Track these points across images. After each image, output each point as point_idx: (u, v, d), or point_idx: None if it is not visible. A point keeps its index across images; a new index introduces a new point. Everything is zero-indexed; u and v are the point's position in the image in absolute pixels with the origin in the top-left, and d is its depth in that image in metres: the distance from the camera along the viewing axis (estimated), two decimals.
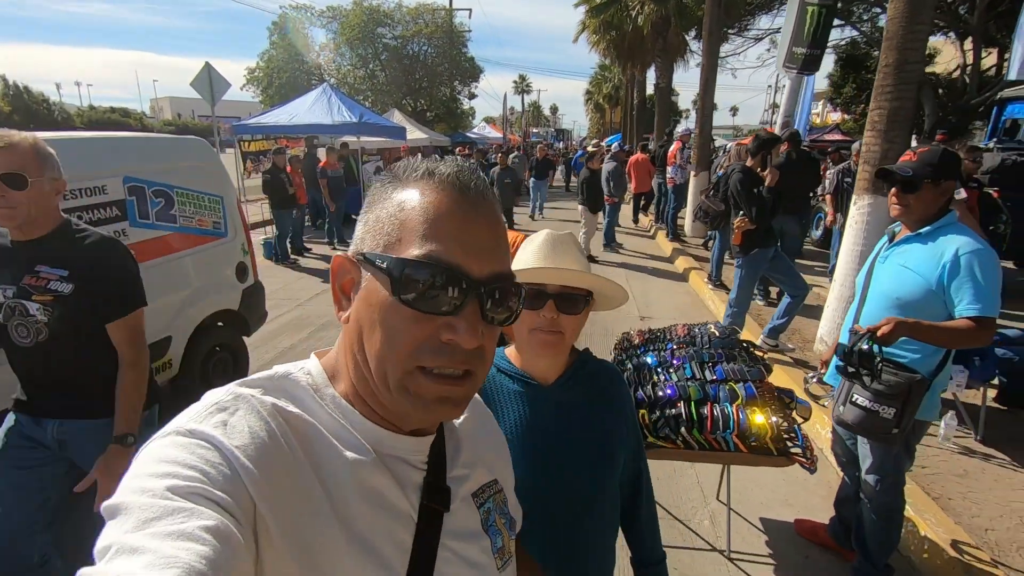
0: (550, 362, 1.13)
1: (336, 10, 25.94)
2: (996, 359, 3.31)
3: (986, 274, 1.87)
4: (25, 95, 50.08)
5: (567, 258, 1.08)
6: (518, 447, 1.02)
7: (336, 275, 0.58)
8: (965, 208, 3.97)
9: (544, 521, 1.05)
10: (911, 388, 1.89)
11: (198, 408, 0.52)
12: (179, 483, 0.44)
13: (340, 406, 0.57)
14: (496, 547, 0.66)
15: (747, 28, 19.02)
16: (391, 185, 0.58)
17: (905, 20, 4.03)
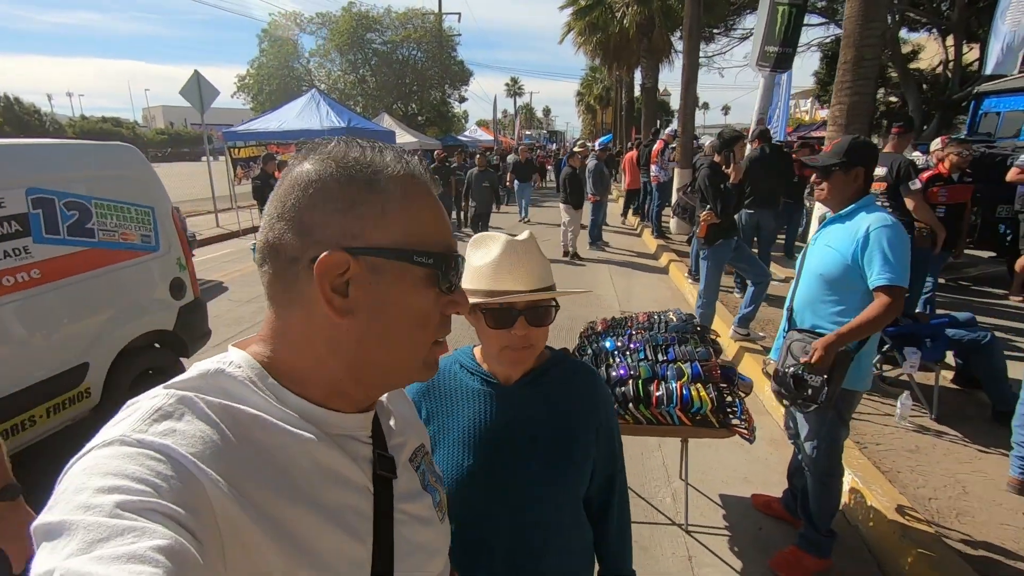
0: (518, 370, 1.12)
1: (325, 16, 26.10)
2: (947, 340, 3.46)
3: (893, 247, 2.04)
4: (16, 106, 50.10)
5: (531, 268, 1.04)
6: (472, 443, 1.07)
7: (328, 273, 0.55)
8: (921, 197, 4.13)
9: (498, 522, 1.06)
10: (836, 359, 2.07)
11: (139, 415, 0.49)
12: (130, 498, 0.41)
13: (282, 395, 0.57)
14: (436, 501, 0.72)
15: (733, 28, 19.29)
16: (378, 176, 0.58)
17: (861, 19, 4.20)
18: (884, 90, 20.58)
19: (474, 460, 1.06)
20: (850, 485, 2.83)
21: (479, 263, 1.05)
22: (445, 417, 1.10)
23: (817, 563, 2.36)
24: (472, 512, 1.06)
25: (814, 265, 2.29)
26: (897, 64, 16.05)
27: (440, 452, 1.08)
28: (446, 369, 1.15)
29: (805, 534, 2.41)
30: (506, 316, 1.02)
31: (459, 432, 1.09)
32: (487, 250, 1.05)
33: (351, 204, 0.56)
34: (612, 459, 1.16)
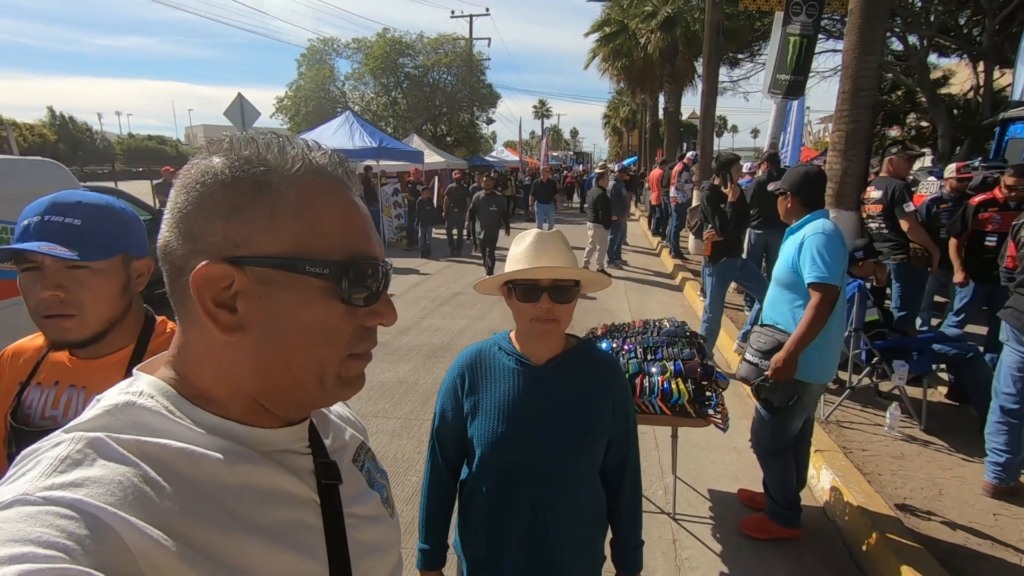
0: (545, 345, 1.30)
1: (361, 42, 27.27)
2: (932, 353, 3.64)
3: (820, 250, 2.41)
4: (70, 125, 53.15)
5: (555, 253, 1.23)
6: (502, 418, 1.25)
7: (208, 287, 0.50)
8: (915, 219, 4.33)
9: (519, 482, 1.25)
10: (781, 346, 2.44)
11: (41, 467, 0.44)
12: (37, 567, 0.37)
13: (203, 419, 0.53)
14: (384, 498, 0.71)
15: (758, 53, 19.55)
16: (268, 176, 0.52)
17: (858, 52, 4.48)
18: (914, 115, 20.44)
19: (507, 427, 1.25)
20: (831, 484, 3.04)
21: (515, 252, 1.27)
22: (484, 390, 1.30)
23: (781, 530, 2.69)
24: (503, 472, 1.27)
25: (775, 273, 2.69)
26: (926, 89, 16.01)
27: (478, 419, 1.28)
28: (487, 349, 1.35)
29: (770, 505, 2.74)
30: (532, 291, 1.21)
31: (495, 403, 1.27)
32: (523, 241, 1.28)
33: (236, 209, 0.51)
34: (626, 440, 1.33)
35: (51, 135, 46.69)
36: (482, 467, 1.29)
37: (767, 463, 2.69)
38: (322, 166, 0.55)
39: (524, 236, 1.29)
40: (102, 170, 27.06)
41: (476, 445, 1.28)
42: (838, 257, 2.41)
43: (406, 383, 4.83)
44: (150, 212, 7.60)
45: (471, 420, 1.30)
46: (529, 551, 1.27)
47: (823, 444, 3.39)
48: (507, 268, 1.27)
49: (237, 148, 0.53)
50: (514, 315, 1.29)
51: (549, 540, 1.27)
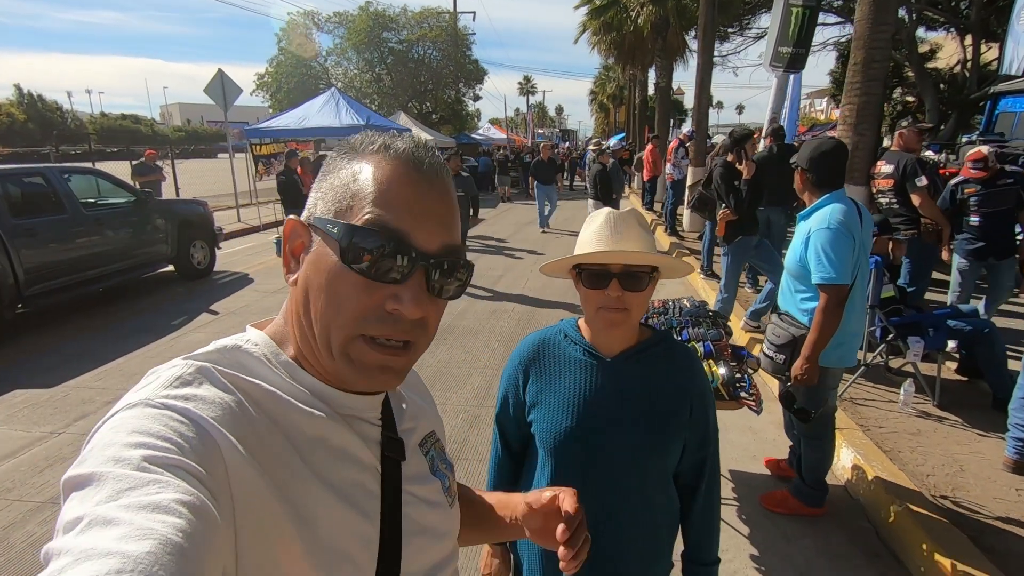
0: (615, 336, 1.17)
1: (342, 16, 26.46)
2: (948, 329, 3.62)
3: (826, 248, 2.31)
4: (39, 103, 51.26)
5: (628, 236, 1.11)
6: (567, 413, 1.15)
7: (288, 238, 0.60)
8: (927, 194, 4.28)
9: (582, 481, 1.12)
10: (795, 341, 2.39)
11: (161, 381, 0.51)
12: (155, 454, 0.44)
13: (295, 372, 0.59)
14: (445, 487, 0.73)
15: (748, 27, 19.33)
16: (347, 156, 0.60)
17: (871, 22, 4.36)
18: (901, 89, 20.50)
19: (573, 423, 1.14)
20: (852, 462, 3.02)
21: (584, 233, 1.15)
22: (548, 381, 1.19)
23: (803, 508, 2.69)
24: (565, 470, 1.16)
25: (786, 260, 2.61)
26: (914, 63, 16.02)
27: (541, 411, 1.18)
28: (551, 337, 1.24)
29: (796, 483, 2.73)
30: (601, 278, 1.09)
31: (560, 396, 1.17)
32: (593, 221, 1.15)
33: (319, 182, 0.61)
34: (704, 442, 1.19)
35: (20, 114, 44.99)
36: (544, 462, 1.19)
37: (810, 446, 2.62)
38: (395, 147, 0.59)
39: (595, 216, 1.16)
40: (74, 150, 26.12)
41: (539, 440, 1.19)
42: (845, 253, 2.29)
43: None
44: (133, 193, 7.32)
45: (533, 414, 1.20)
46: (591, 558, 1.16)
47: (841, 422, 3.36)
48: (576, 251, 1.15)
49: (350, 141, 0.62)
50: (581, 302, 1.17)
51: (613, 548, 1.15)
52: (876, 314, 3.76)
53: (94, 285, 6.33)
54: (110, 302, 6.75)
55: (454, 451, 3.42)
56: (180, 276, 7.90)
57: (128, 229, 6.85)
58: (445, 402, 4.07)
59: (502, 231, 12.06)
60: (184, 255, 7.76)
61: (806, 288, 2.47)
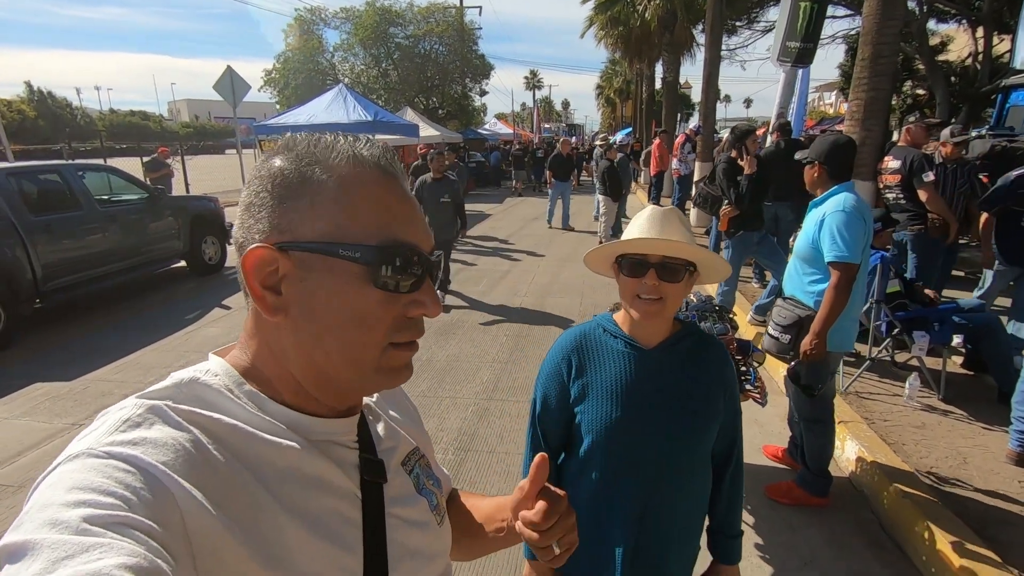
0: (652, 327, 1.22)
1: (349, 11, 26.48)
2: (953, 324, 3.65)
3: (840, 229, 2.42)
4: (49, 100, 51.64)
5: (670, 230, 1.17)
6: (615, 403, 1.20)
7: (254, 271, 0.54)
8: (933, 189, 4.29)
9: (631, 469, 1.21)
10: (801, 321, 2.50)
11: (107, 426, 0.47)
12: (97, 512, 0.40)
13: (261, 402, 0.56)
14: (433, 505, 0.70)
15: (755, 20, 19.18)
16: (311, 167, 0.55)
17: (878, 17, 4.37)
18: (911, 83, 20.30)
19: (621, 412, 1.20)
20: (857, 454, 3.06)
21: (628, 230, 1.23)
22: (592, 373, 1.24)
23: (808, 497, 2.76)
24: (615, 457, 1.22)
25: (795, 245, 2.71)
26: (925, 56, 15.84)
27: (588, 403, 1.23)
28: (590, 332, 1.29)
29: (802, 473, 2.81)
30: (639, 267, 1.16)
31: (607, 387, 1.22)
32: (638, 217, 1.23)
33: (282, 199, 0.55)
34: (735, 423, 1.30)
35: (30, 111, 45.37)
36: (592, 452, 1.24)
37: (811, 429, 2.72)
38: (365, 157, 0.57)
39: (640, 212, 1.24)
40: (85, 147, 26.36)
41: (586, 431, 1.23)
42: (858, 235, 2.42)
43: (420, 360, 4.80)
44: (145, 190, 7.43)
45: (580, 404, 1.24)
46: (637, 538, 1.22)
47: (845, 415, 3.41)
48: (620, 245, 1.22)
49: (293, 146, 0.57)
50: (620, 292, 1.23)
51: (658, 528, 1.22)
52: (882, 308, 3.79)
53: (108, 281, 6.44)
54: (124, 298, 6.87)
55: (464, 444, 3.49)
56: (192, 272, 8.02)
57: (141, 225, 6.96)
58: (455, 396, 4.14)
59: (509, 227, 12.12)
60: (196, 251, 7.88)
61: (815, 270, 2.58)
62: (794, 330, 2.51)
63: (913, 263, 4.57)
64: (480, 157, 22.81)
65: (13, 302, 5.33)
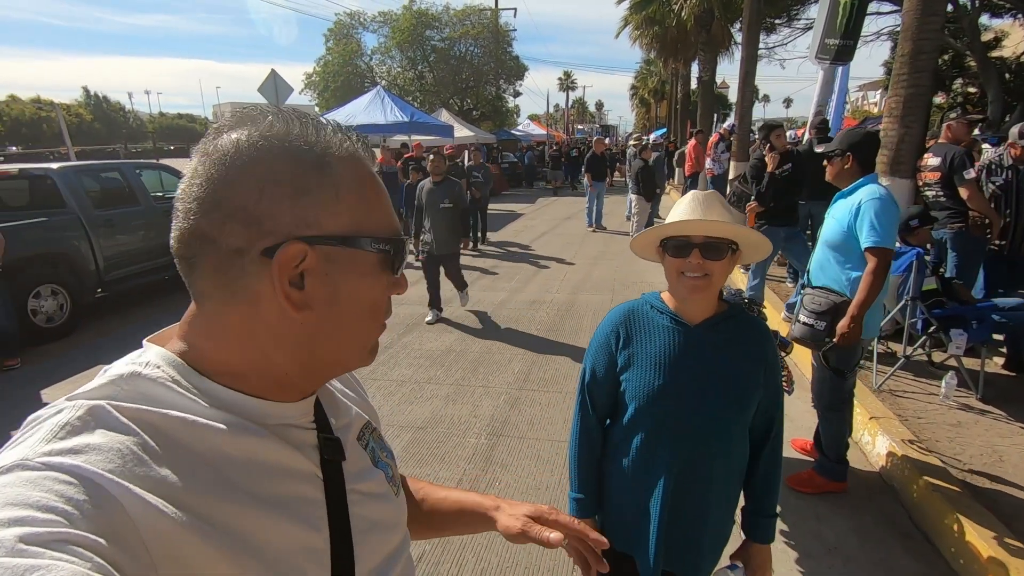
0: (698, 304, 1.28)
1: (387, 15, 27.05)
2: (992, 322, 3.59)
3: (878, 215, 2.45)
4: (104, 104, 54.35)
5: (711, 212, 1.22)
6: (659, 372, 1.27)
7: (287, 266, 0.52)
8: (975, 187, 4.20)
9: (675, 440, 1.26)
10: (836, 307, 2.54)
11: (42, 433, 0.44)
12: (35, 531, 0.37)
13: (213, 392, 0.53)
14: (389, 476, 0.71)
15: (795, 18, 18.78)
16: (326, 160, 0.54)
17: (919, 12, 4.31)
18: (962, 80, 19.51)
19: (663, 380, 1.26)
20: (888, 449, 3.06)
21: (671, 215, 1.28)
22: (639, 344, 1.31)
23: (828, 484, 2.83)
24: (658, 424, 1.28)
25: (823, 234, 2.74)
26: (976, 52, 15.24)
27: (634, 371, 1.29)
28: (638, 308, 1.36)
29: (820, 460, 2.88)
30: (683, 247, 1.23)
31: (652, 357, 1.29)
32: (680, 203, 1.29)
33: (304, 189, 0.52)
34: (775, 401, 1.33)
35: (87, 115, 47.80)
36: (635, 419, 1.31)
37: (827, 418, 2.78)
38: (357, 148, 0.58)
39: (682, 198, 1.30)
40: (136, 148, 27.63)
41: (630, 398, 1.30)
42: (894, 221, 2.50)
43: (454, 351, 4.96)
44: None
45: (626, 373, 1.31)
46: (675, 501, 1.27)
47: (878, 411, 3.41)
48: (664, 229, 1.30)
49: (284, 127, 0.54)
50: (666, 272, 1.30)
51: (702, 496, 1.27)
52: (917, 306, 3.76)
53: (165, 272, 6.83)
54: (180, 288, 7.26)
55: (496, 429, 3.62)
56: None
57: None
58: (488, 384, 4.28)
59: (542, 226, 12.22)
60: None
61: (849, 258, 2.62)
62: (829, 316, 2.55)
63: (953, 262, 4.48)
64: (513, 158, 23.01)
65: (78, 290, 5.74)
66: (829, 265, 2.71)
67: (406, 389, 4.23)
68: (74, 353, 5.17)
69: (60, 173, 5.94)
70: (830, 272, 2.70)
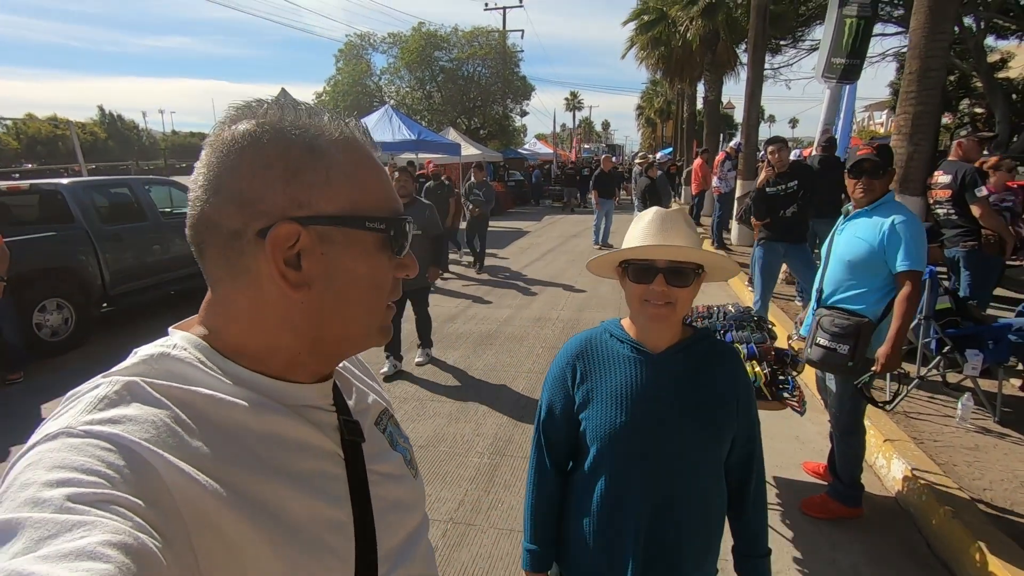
0: (660, 331, 1.19)
1: (396, 36, 27.52)
2: (1009, 343, 3.50)
3: (914, 238, 2.38)
4: (119, 123, 55.38)
5: (676, 234, 1.13)
6: (621, 408, 1.16)
7: (280, 245, 0.53)
8: (987, 204, 4.15)
9: (643, 483, 1.14)
10: (860, 329, 2.44)
11: (82, 405, 0.47)
12: (81, 491, 0.40)
13: (234, 372, 0.55)
14: (407, 459, 0.73)
15: (801, 39, 18.93)
16: (317, 144, 0.56)
17: (927, 31, 4.31)
18: (968, 101, 19.54)
19: (626, 417, 1.15)
20: (903, 473, 2.96)
21: (633, 230, 1.19)
22: (598, 378, 1.20)
23: (843, 509, 2.72)
24: (623, 465, 1.16)
25: (842, 252, 2.62)
26: (982, 73, 15.27)
27: (593, 409, 1.18)
28: (597, 337, 1.25)
29: (834, 485, 2.77)
30: (646, 272, 1.13)
31: (612, 392, 1.17)
32: (642, 219, 1.18)
33: (295, 171, 0.54)
34: (750, 437, 1.22)
35: (102, 133, 48.67)
36: (598, 461, 1.19)
37: (846, 442, 2.68)
38: (353, 131, 0.60)
39: (643, 214, 1.20)
40: (148, 165, 28.05)
41: (591, 438, 1.19)
42: (925, 243, 2.44)
43: (458, 369, 4.90)
44: None
45: (584, 411, 1.20)
46: (647, 551, 1.15)
47: (893, 434, 3.31)
48: (624, 245, 1.19)
49: (278, 114, 0.57)
50: (627, 297, 1.21)
51: (672, 538, 1.15)
52: (931, 325, 3.68)
53: (171, 287, 6.83)
54: (187, 303, 7.26)
55: (500, 448, 3.54)
56: None
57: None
58: (493, 401, 4.21)
59: (547, 243, 12.21)
60: None
61: (862, 280, 2.54)
62: (852, 340, 2.44)
63: (966, 281, 4.40)
64: (519, 176, 23.15)
65: (84, 304, 5.74)
66: (849, 285, 2.60)
67: (409, 406, 4.17)
68: (77, 367, 5.15)
69: (70, 188, 5.99)
70: (849, 292, 2.59)
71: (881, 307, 2.50)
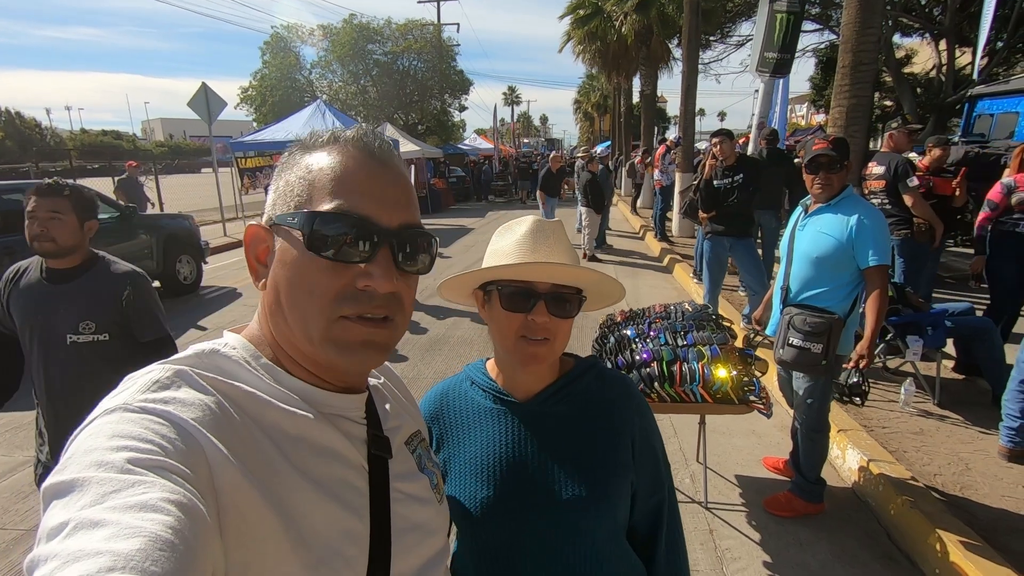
0: (534, 374, 0.97)
1: (327, 28, 26.43)
2: (946, 328, 3.63)
3: (880, 233, 2.40)
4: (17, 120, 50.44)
5: (557, 250, 0.91)
6: (487, 471, 0.92)
7: (250, 245, 0.60)
8: (919, 194, 4.31)
9: (523, 565, 0.90)
10: (831, 326, 2.40)
11: (138, 386, 0.51)
12: (139, 455, 0.43)
13: (275, 374, 0.59)
14: (433, 484, 0.73)
15: (729, 35, 19.61)
16: (299, 152, 0.61)
17: (858, 25, 4.42)
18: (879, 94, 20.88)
19: (491, 491, 0.91)
20: (859, 464, 2.99)
21: (501, 244, 0.94)
22: (456, 444, 0.96)
23: (807, 506, 2.71)
24: (493, 551, 0.92)
25: (807, 249, 2.58)
26: (891, 68, 16.30)
27: (452, 483, 0.94)
28: (455, 388, 1.02)
29: (797, 482, 2.75)
30: (525, 298, 0.88)
31: (472, 459, 0.94)
32: (511, 231, 0.94)
33: (276, 182, 0.62)
34: (657, 484, 0.98)
35: None
36: (465, 547, 0.96)
37: (812, 439, 2.65)
38: (347, 137, 0.61)
39: (514, 224, 0.95)
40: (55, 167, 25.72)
41: (454, 518, 0.91)
42: (889, 239, 2.46)
43: (407, 378, 4.65)
44: (117, 209, 7.18)
45: (447, 488, 0.94)
46: None
47: (844, 423, 3.35)
48: (488, 262, 0.94)
49: (300, 142, 0.63)
50: (493, 331, 0.95)
51: None
52: None
53: None
54: None
55: None
56: (166, 292, 7.74)
57: (113, 245, 6.70)
58: None
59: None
60: (170, 270, 7.62)
61: (830, 276, 2.51)
62: (825, 338, 2.41)
63: (901, 268, 4.57)
64: (460, 172, 22.81)
65: None
66: (817, 281, 2.55)
67: None
68: None
69: None
70: (816, 288, 2.55)
71: (849, 303, 2.49)
